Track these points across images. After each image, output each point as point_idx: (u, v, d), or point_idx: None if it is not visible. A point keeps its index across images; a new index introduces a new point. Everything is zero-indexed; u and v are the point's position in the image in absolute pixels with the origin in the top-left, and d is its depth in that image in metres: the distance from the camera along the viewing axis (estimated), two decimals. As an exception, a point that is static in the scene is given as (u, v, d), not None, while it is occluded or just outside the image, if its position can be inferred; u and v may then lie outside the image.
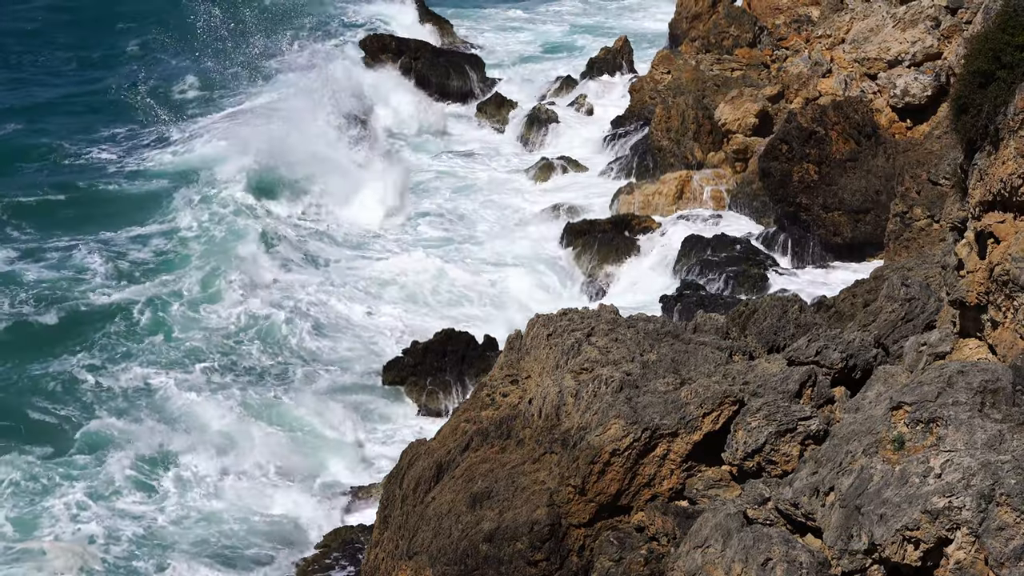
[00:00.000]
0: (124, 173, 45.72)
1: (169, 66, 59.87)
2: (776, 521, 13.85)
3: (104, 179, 44.94)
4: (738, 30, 48.00)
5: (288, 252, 38.90)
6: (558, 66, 61.33)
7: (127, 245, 38.79)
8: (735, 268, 35.58)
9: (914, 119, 39.06)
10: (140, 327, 33.29)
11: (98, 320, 33.55)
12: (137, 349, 32.15)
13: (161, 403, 29.53)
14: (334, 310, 35.28)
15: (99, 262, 37.06)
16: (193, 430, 28.17)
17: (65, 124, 51.39)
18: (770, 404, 16.15)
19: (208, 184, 43.38)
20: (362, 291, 36.67)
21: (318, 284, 37.00)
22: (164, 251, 38.40)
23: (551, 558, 16.53)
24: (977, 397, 12.78)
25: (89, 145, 48.99)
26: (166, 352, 32.08)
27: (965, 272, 15.31)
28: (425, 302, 36.43)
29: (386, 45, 58.72)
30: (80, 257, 37.52)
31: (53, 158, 47.32)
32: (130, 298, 34.77)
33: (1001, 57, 14.40)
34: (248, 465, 27.15)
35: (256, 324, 33.77)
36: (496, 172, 47.68)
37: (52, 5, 71.75)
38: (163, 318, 33.67)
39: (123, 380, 30.42)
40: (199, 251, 38.13)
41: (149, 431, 27.86)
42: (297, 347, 32.87)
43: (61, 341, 32.49)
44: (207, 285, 35.69)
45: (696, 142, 43.31)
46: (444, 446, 19.73)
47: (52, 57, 62.68)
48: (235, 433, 28.10)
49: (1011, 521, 11.64)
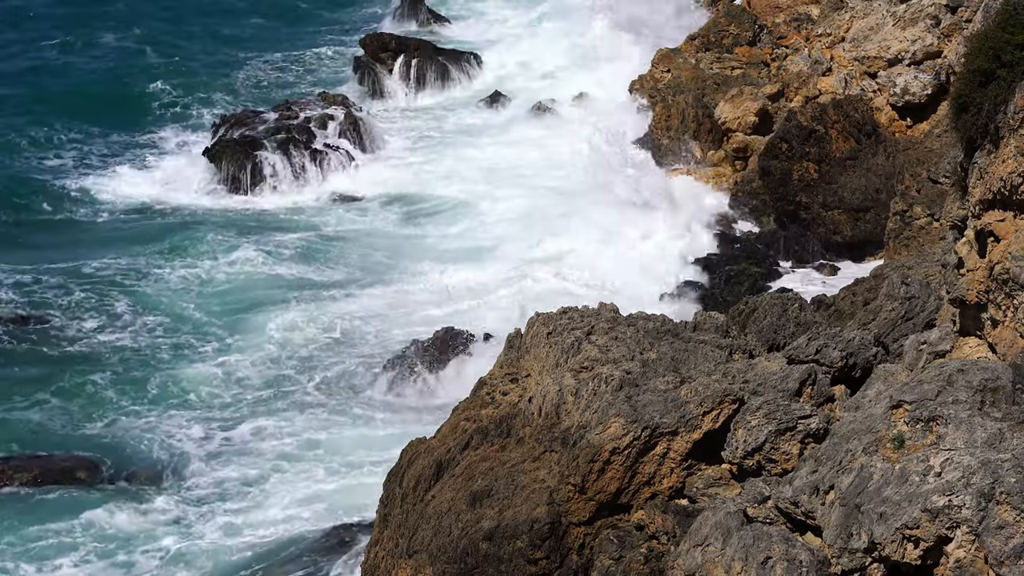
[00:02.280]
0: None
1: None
2: (776, 519, 13.85)
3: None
4: (738, 28, 47.97)
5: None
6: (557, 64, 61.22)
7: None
8: (735, 267, 35.58)
9: (914, 117, 39.07)
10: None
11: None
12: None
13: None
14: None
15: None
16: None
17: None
18: (770, 402, 16.16)
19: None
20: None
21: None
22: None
23: (551, 556, 16.53)
24: (977, 395, 12.78)
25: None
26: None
27: (965, 270, 15.32)
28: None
29: (386, 44, 58.69)
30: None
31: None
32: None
33: (1001, 55, 14.41)
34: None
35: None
36: (495, 171, 47.59)
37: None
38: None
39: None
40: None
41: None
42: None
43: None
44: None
45: (696, 140, 43.31)
46: (444, 444, 19.73)
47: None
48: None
49: (1011, 520, 11.64)
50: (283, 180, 45.48)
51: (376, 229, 41.94)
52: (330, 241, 40.72)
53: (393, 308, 35.37)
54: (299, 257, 38.91)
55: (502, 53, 61.23)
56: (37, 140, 49.01)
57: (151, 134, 51.09)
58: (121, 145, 49.66)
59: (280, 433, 28.55)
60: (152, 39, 63.06)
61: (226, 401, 30.21)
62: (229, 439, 28.44)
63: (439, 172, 46.95)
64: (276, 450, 27.92)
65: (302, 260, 38.75)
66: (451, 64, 58.64)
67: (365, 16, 70.42)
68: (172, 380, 30.96)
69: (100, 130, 50.90)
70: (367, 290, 36.64)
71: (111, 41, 62.68)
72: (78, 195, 44.25)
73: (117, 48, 61.93)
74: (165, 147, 49.73)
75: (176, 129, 51.69)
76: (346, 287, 36.84)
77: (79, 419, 29.27)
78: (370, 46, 58.70)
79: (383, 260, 38.95)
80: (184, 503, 25.99)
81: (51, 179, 45.44)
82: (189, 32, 65.25)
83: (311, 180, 45.88)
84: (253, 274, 37.55)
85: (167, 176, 46.14)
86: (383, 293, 36.37)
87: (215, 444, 28.24)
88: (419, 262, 38.08)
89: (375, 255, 39.39)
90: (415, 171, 47.07)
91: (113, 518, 25.23)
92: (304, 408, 29.73)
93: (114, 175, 46.14)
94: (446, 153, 49.09)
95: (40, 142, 48.96)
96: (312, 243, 40.32)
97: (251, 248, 39.03)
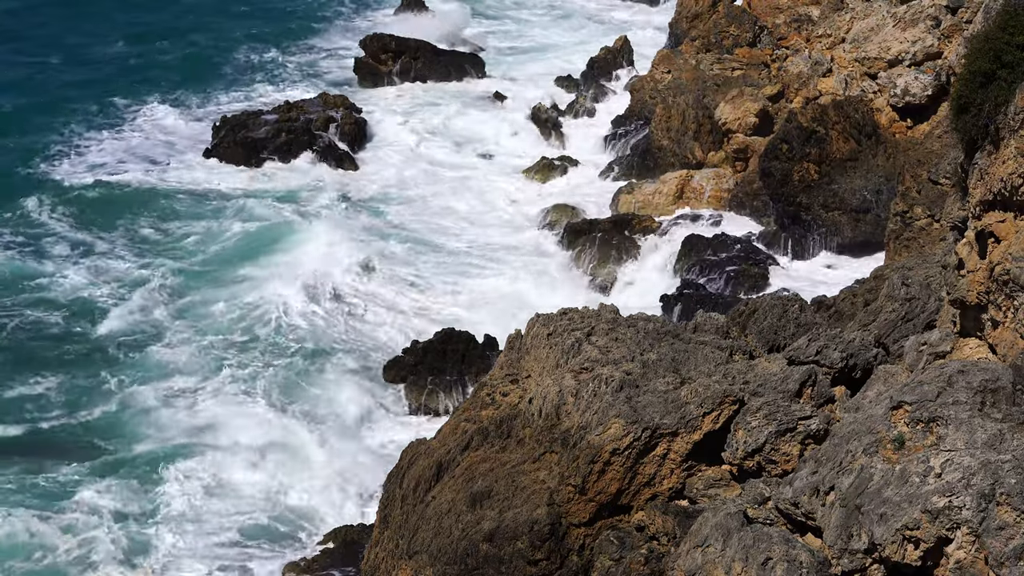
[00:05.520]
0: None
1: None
2: (776, 520, 13.85)
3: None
4: (738, 29, 47.98)
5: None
6: (557, 64, 61.27)
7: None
8: (735, 268, 35.58)
9: (914, 118, 39.06)
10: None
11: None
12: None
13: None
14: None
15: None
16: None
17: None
18: (770, 403, 16.16)
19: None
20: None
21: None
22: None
23: (551, 557, 16.53)
24: (977, 396, 12.78)
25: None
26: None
27: (965, 271, 15.31)
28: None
29: (386, 45, 58.70)
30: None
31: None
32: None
33: (1002, 56, 14.43)
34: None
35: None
36: (496, 171, 47.64)
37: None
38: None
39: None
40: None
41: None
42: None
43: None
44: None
45: (696, 141, 43.31)
46: (444, 445, 19.73)
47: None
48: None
49: (1011, 520, 11.63)
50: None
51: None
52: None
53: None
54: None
55: (503, 54, 61.31)
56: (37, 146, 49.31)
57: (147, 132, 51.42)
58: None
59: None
60: (151, 41, 63.10)
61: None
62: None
63: (439, 172, 47.02)
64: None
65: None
66: (451, 65, 58.66)
67: (366, 16, 70.43)
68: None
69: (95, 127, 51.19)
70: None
71: (102, 41, 62.82)
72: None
73: (115, 50, 61.97)
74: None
75: (176, 129, 51.74)
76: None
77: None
78: (370, 47, 58.73)
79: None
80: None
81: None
82: (189, 32, 65.24)
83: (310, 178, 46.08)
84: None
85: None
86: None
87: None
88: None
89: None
90: (416, 171, 47.10)
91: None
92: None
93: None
94: (447, 152, 49.13)
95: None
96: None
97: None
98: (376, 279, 38.06)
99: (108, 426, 29.27)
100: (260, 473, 27.34)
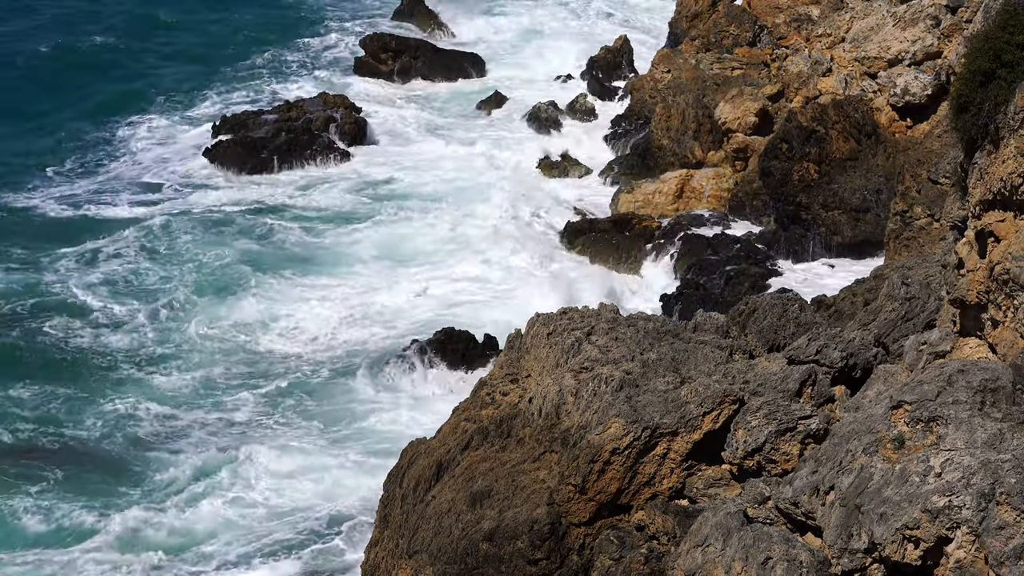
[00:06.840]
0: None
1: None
2: (776, 520, 13.85)
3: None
4: (738, 29, 47.98)
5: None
6: (557, 64, 61.29)
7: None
8: (735, 268, 35.57)
9: (914, 118, 39.06)
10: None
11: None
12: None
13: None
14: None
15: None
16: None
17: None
18: (770, 403, 16.17)
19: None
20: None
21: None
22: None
23: (551, 557, 16.53)
24: (977, 396, 12.78)
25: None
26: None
27: (965, 271, 15.32)
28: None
29: (386, 44, 58.70)
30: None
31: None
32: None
33: (1001, 56, 14.43)
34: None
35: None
36: (496, 170, 47.62)
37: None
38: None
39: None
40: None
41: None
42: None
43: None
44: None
45: (696, 141, 43.30)
46: (444, 445, 19.73)
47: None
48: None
49: (1011, 520, 11.64)
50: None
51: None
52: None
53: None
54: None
55: (504, 53, 61.32)
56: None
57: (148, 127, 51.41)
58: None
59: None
60: (150, 39, 63.08)
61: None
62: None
63: (440, 171, 47.04)
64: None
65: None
66: (452, 64, 58.65)
67: (366, 17, 70.40)
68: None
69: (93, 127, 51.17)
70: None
71: (101, 36, 62.85)
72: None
73: (113, 44, 61.98)
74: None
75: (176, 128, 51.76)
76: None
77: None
78: (370, 46, 58.73)
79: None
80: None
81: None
82: (188, 32, 65.22)
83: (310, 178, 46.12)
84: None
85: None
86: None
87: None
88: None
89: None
90: (415, 171, 47.11)
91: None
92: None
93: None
94: (447, 152, 49.17)
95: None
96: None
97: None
98: (376, 279, 38.08)
99: (127, 441, 29.01)
100: (281, 489, 27.16)
